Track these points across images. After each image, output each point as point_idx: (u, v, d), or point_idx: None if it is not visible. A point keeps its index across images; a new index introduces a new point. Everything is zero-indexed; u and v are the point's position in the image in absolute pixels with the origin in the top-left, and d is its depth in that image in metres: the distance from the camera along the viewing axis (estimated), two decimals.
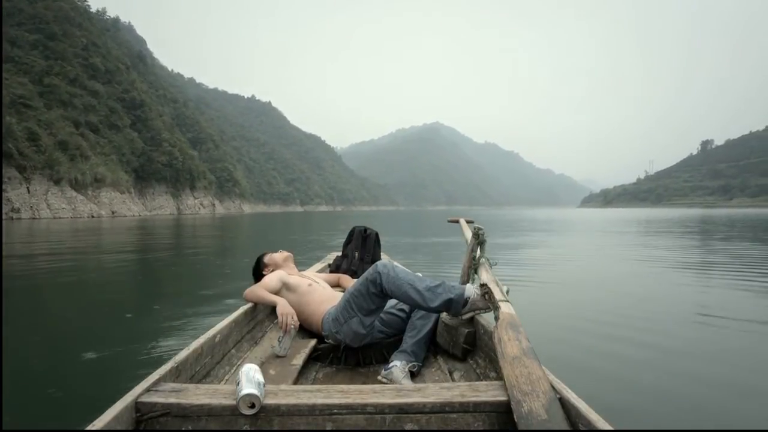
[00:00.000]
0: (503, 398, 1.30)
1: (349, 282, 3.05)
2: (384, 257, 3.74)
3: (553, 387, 1.28)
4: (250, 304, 2.43)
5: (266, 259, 2.90)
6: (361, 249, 3.53)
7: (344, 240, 3.73)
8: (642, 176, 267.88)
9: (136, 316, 4.46)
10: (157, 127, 75.90)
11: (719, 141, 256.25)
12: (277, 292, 2.50)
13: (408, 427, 1.28)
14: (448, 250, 10.81)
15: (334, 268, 3.69)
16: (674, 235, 16.43)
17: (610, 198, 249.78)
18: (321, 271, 3.72)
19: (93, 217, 46.94)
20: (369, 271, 2.14)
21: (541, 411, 1.18)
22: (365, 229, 3.60)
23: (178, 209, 72.58)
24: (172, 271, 7.91)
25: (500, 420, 1.29)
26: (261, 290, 2.46)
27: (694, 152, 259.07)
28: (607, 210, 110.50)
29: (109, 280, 6.93)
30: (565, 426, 1.14)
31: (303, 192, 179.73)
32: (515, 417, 1.20)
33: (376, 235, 3.61)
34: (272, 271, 2.80)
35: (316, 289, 2.54)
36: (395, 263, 2.27)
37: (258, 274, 2.86)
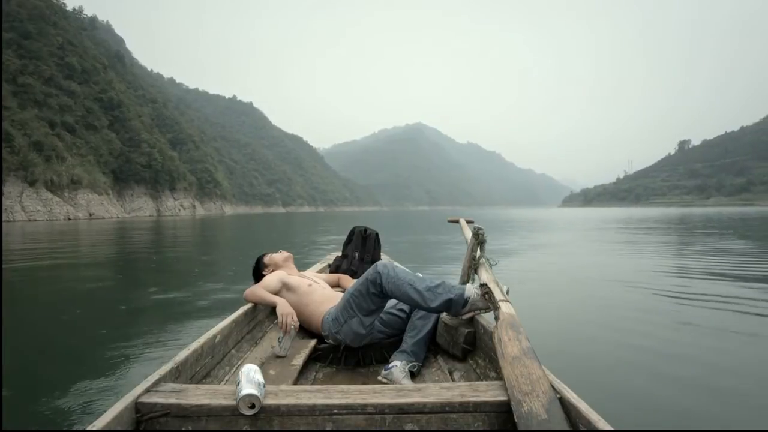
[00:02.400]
0: (503, 398, 1.30)
1: (349, 282, 3.04)
2: (384, 257, 3.73)
3: (553, 387, 1.29)
4: (250, 305, 2.42)
5: (266, 259, 2.90)
6: (361, 249, 3.52)
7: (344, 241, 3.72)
8: (621, 176, 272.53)
9: (133, 316, 4.43)
10: (136, 127, 74.69)
11: (696, 141, 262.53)
12: (277, 293, 2.50)
13: (408, 427, 1.28)
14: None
15: (334, 268, 3.68)
16: (660, 234, 16.73)
17: (590, 197, 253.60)
18: (321, 271, 3.72)
19: (69, 219, 45.97)
20: (369, 272, 2.14)
21: (541, 411, 1.18)
22: (365, 229, 3.58)
23: (158, 211, 71.47)
24: (157, 276, 7.79)
25: (500, 420, 1.29)
26: (261, 290, 2.45)
27: (672, 152, 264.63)
28: (587, 210, 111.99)
29: (99, 281, 6.83)
30: (565, 426, 1.14)
31: (285, 193, 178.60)
32: (515, 417, 1.20)
33: (376, 235, 3.60)
34: (272, 271, 2.80)
35: (316, 290, 2.53)
36: (395, 263, 2.27)
37: (258, 274, 2.85)
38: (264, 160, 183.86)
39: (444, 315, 2.18)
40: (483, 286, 2.03)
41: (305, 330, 2.47)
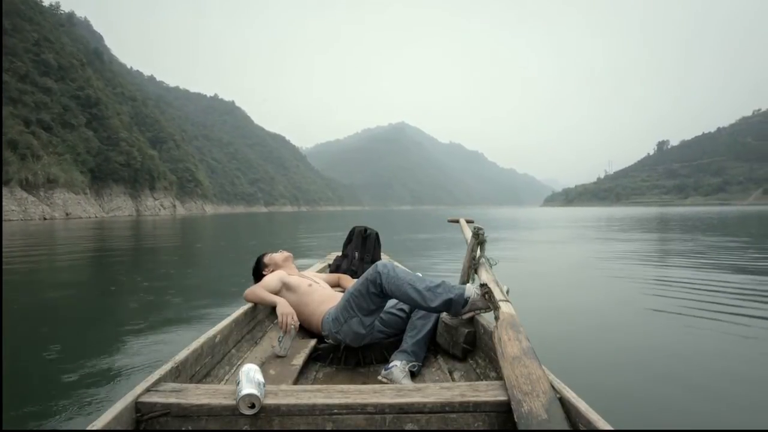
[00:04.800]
0: (503, 398, 1.31)
1: (349, 282, 3.05)
2: (384, 257, 3.75)
3: (553, 387, 1.29)
4: (250, 304, 2.43)
5: (266, 259, 2.90)
6: (361, 249, 3.52)
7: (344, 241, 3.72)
8: (602, 176, 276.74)
9: (132, 316, 4.39)
10: (115, 125, 73.27)
11: (674, 142, 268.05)
12: (277, 293, 2.50)
13: (408, 427, 1.28)
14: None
15: (334, 268, 3.68)
16: (647, 233, 17.01)
17: (571, 197, 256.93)
18: (321, 271, 3.73)
19: (45, 219, 44.91)
20: (369, 271, 2.14)
21: (541, 411, 1.18)
22: (365, 229, 3.59)
23: (137, 210, 70.35)
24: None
25: (500, 420, 1.29)
26: (261, 290, 2.45)
27: (651, 152, 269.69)
28: (569, 209, 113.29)
29: (96, 284, 6.77)
30: (565, 426, 1.14)
31: (267, 192, 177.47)
32: (515, 417, 1.20)
33: (376, 234, 3.61)
34: (272, 271, 2.79)
35: (316, 290, 2.53)
36: (395, 263, 2.27)
37: (258, 274, 2.85)
38: (246, 160, 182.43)
39: (444, 315, 2.19)
40: (483, 286, 2.03)
41: (305, 330, 2.47)
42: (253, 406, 1.26)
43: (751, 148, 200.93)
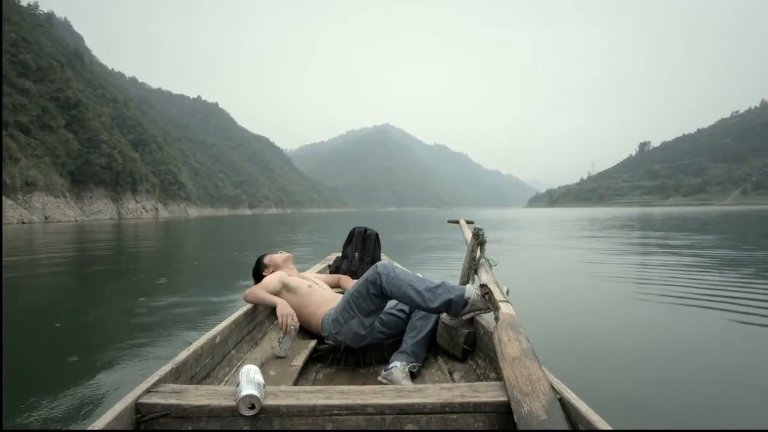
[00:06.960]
0: (503, 399, 1.31)
1: (349, 283, 3.05)
2: (384, 258, 3.75)
3: (553, 387, 1.29)
4: (250, 305, 2.42)
5: (266, 260, 2.88)
6: (360, 250, 3.53)
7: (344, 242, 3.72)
8: (585, 176, 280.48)
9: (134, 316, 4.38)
10: (95, 127, 72.02)
11: (656, 143, 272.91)
12: (277, 293, 2.49)
13: (408, 427, 1.28)
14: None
15: (334, 269, 3.69)
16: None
17: (555, 198, 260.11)
18: (321, 271, 3.72)
19: (24, 223, 43.99)
20: (369, 272, 2.14)
21: (541, 411, 1.18)
22: (365, 230, 3.59)
23: (119, 214, 69.30)
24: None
25: (500, 420, 1.30)
26: (261, 291, 2.45)
27: (633, 153, 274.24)
28: (554, 210, 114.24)
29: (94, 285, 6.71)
30: (565, 426, 1.14)
31: (251, 194, 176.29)
32: (515, 417, 1.20)
33: (376, 235, 3.61)
34: (272, 272, 2.78)
35: (316, 290, 2.53)
36: (395, 264, 2.27)
37: (258, 275, 2.83)
38: (230, 162, 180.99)
39: (444, 315, 2.19)
40: (483, 286, 2.03)
41: (305, 331, 2.47)
42: (253, 407, 1.26)
43: (729, 149, 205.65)
